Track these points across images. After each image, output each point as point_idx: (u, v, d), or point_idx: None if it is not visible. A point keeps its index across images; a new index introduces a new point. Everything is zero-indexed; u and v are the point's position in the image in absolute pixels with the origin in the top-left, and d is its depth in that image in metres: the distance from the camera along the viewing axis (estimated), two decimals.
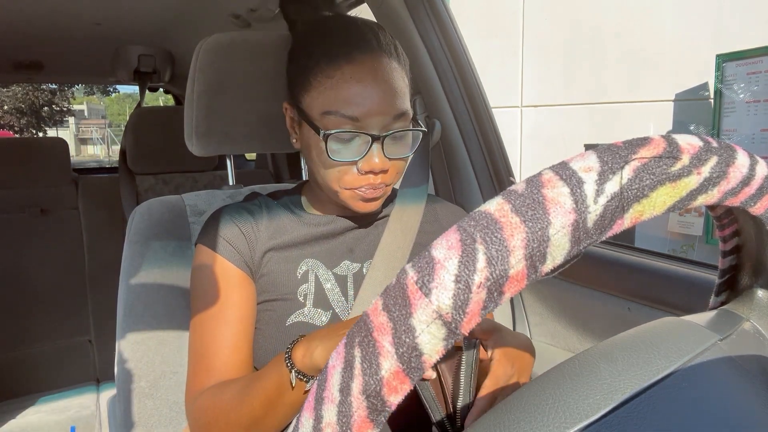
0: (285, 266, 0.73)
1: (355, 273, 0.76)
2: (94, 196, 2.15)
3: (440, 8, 1.18)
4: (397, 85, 0.68)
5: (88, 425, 1.88)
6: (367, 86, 0.65)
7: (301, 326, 0.71)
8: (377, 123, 0.66)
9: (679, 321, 0.35)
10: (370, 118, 0.66)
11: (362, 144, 0.67)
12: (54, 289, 2.10)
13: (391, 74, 0.67)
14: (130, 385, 0.82)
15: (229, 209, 0.76)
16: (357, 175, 0.68)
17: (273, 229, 0.75)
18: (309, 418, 0.25)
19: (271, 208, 0.77)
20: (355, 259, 0.77)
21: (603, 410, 0.27)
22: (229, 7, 1.54)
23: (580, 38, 3.92)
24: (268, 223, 0.75)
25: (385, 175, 0.69)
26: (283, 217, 0.77)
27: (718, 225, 0.38)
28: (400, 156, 0.70)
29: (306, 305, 0.72)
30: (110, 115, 32.69)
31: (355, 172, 0.68)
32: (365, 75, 0.65)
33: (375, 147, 0.67)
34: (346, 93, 0.65)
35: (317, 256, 0.75)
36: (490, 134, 1.22)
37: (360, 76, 0.65)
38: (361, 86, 0.65)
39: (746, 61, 2.92)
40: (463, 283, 0.23)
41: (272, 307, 0.72)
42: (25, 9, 1.57)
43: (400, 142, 0.70)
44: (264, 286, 0.73)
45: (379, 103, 0.66)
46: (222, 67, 0.87)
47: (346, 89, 0.65)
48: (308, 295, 0.73)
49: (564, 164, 0.26)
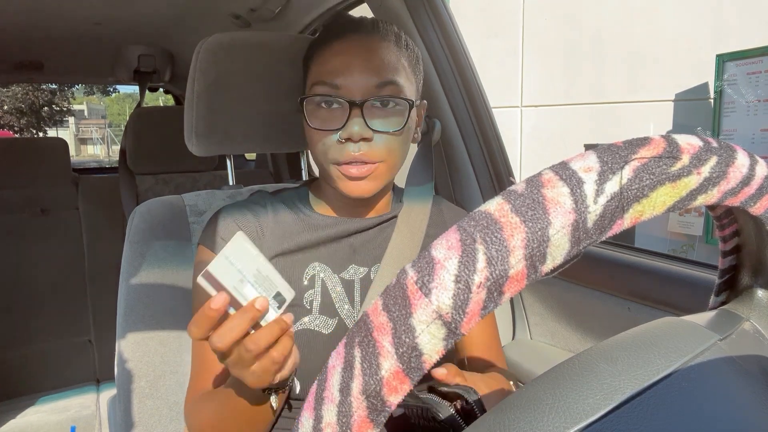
0: (291, 271, 0.71)
1: (362, 278, 0.74)
2: (94, 196, 2.15)
3: (440, 8, 1.18)
4: (386, 58, 0.67)
5: (88, 425, 1.88)
6: (352, 58, 0.66)
7: (306, 334, 0.69)
8: (358, 90, 0.66)
9: (679, 321, 0.35)
10: (351, 83, 0.66)
11: (342, 112, 0.66)
12: (54, 289, 2.10)
13: (379, 50, 0.67)
14: (130, 385, 0.82)
15: (232, 209, 0.73)
16: (339, 146, 0.66)
17: (279, 232, 0.73)
18: (309, 418, 0.25)
19: (276, 209, 0.75)
20: (362, 263, 0.75)
21: (603, 410, 0.27)
22: (229, 7, 1.54)
23: (580, 38, 3.92)
24: (273, 226, 0.73)
25: (370, 150, 0.66)
26: (289, 219, 0.74)
27: (718, 225, 0.38)
28: (386, 129, 0.67)
29: (312, 311, 0.70)
30: (110, 115, 32.71)
31: (337, 142, 0.66)
32: (351, 49, 0.67)
33: (354, 113, 0.65)
34: (330, 64, 0.67)
35: (324, 260, 0.73)
36: (490, 134, 1.22)
37: (346, 50, 0.67)
38: (346, 58, 0.66)
39: (746, 61, 2.92)
40: (463, 283, 0.23)
41: None
42: (25, 9, 1.57)
43: (387, 116, 0.67)
44: None
45: (361, 71, 0.66)
46: (222, 67, 0.87)
47: (330, 61, 0.67)
48: (314, 302, 0.71)
49: (564, 164, 0.26)
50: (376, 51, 0.67)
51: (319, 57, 0.69)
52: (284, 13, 1.52)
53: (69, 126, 27.61)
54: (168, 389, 0.83)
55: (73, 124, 29.39)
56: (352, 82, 0.66)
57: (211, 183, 2.18)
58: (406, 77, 0.69)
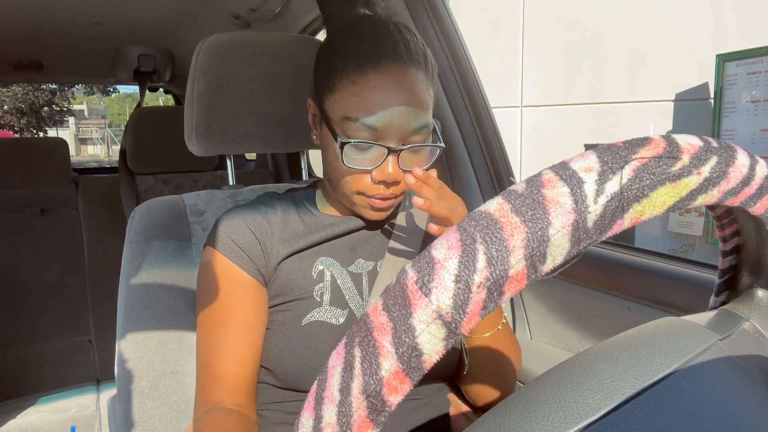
0: (300, 267, 0.73)
1: (369, 271, 0.76)
2: (94, 196, 2.15)
3: (440, 8, 1.18)
4: (421, 98, 0.66)
5: (88, 425, 1.88)
6: (390, 98, 0.64)
7: (317, 325, 0.70)
8: (396, 135, 0.65)
9: (679, 321, 0.35)
10: (390, 130, 0.65)
11: (378, 154, 0.66)
12: (54, 289, 2.10)
13: (416, 86, 0.66)
14: (130, 385, 0.82)
15: (241, 211, 0.73)
16: (370, 184, 0.68)
17: (289, 233, 0.73)
18: (309, 418, 0.25)
19: (285, 210, 0.76)
20: (369, 257, 0.77)
21: (603, 410, 0.27)
22: (229, 7, 1.54)
23: (580, 38, 3.92)
24: (282, 227, 0.74)
25: (397, 186, 0.69)
26: (297, 220, 0.75)
27: (718, 225, 0.38)
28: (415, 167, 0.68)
29: (322, 304, 0.71)
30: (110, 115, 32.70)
31: (368, 180, 0.68)
32: (389, 85, 0.64)
33: (391, 158, 0.66)
34: (368, 102, 0.64)
35: (332, 255, 0.75)
36: (490, 134, 1.22)
37: (384, 86, 0.64)
38: (384, 97, 0.64)
39: (746, 61, 2.92)
40: (463, 283, 0.23)
41: (288, 307, 0.71)
42: (25, 9, 1.57)
43: (417, 155, 0.69)
44: (279, 289, 0.72)
45: (400, 117, 0.64)
46: (222, 67, 0.87)
47: (368, 98, 0.64)
48: (324, 294, 0.72)
49: (564, 164, 0.26)
50: (413, 90, 0.65)
51: (351, 84, 0.65)
52: (284, 13, 1.52)
53: (69, 126, 27.61)
54: (168, 389, 0.83)
55: (73, 124, 29.38)
56: (391, 127, 0.64)
57: (211, 183, 2.18)
58: (431, 106, 0.70)
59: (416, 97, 0.65)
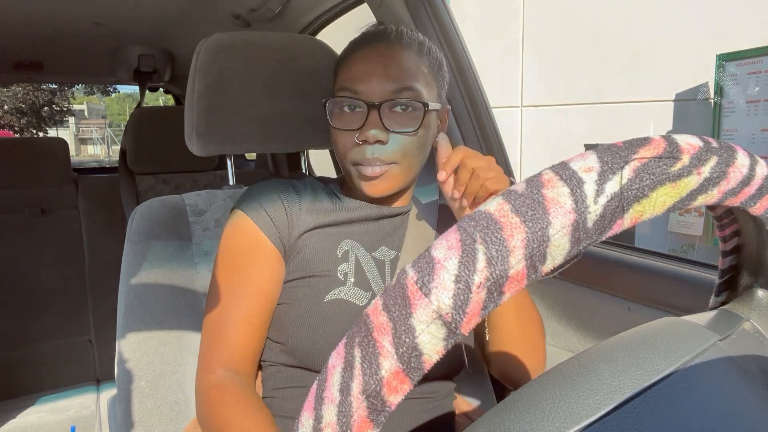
0: (324, 244, 0.74)
1: (392, 259, 0.77)
2: (94, 196, 2.15)
3: (440, 8, 1.18)
4: (405, 65, 0.70)
5: (88, 425, 1.88)
6: (371, 64, 0.70)
7: (340, 303, 0.71)
8: (377, 93, 0.69)
9: (679, 321, 0.35)
10: (370, 89, 0.69)
11: (361, 115, 0.70)
12: (54, 289, 2.10)
13: (400, 57, 0.71)
14: (130, 385, 0.82)
15: (275, 183, 0.77)
16: (357, 148, 0.70)
17: (316, 208, 0.76)
18: (309, 418, 0.25)
19: (315, 188, 0.79)
20: (393, 247, 0.78)
21: (603, 410, 0.27)
22: (229, 7, 1.54)
23: (580, 38, 3.92)
24: (311, 202, 0.76)
25: (384, 150, 0.70)
26: (325, 199, 0.78)
27: (718, 225, 0.38)
28: (402, 130, 0.70)
29: (346, 284, 0.72)
30: (110, 115, 32.72)
31: (355, 142, 0.70)
32: (372, 56, 0.71)
33: (372, 116, 0.69)
34: (353, 71, 0.71)
35: (356, 238, 0.76)
36: (490, 134, 1.22)
37: (367, 57, 0.71)
38: (367, 64, 0.71)
39: (746, 61, 2.92)
40: (463, 283, 0.23)
41: (309, 283, 0.72)
42: (25, 9, 1.57)
43: (403, 119, 0.70)
44: (300, 263, 0.73)
45: (378, 77, 0.69)
46: (222, 67, 0.87)
47: (354, 69, 0.72)
48: (349, 274, 0.73)
49: (564, 164, 0.26)
50: (396, 58, 0.71)
51: (345, 65, 0.73)
52: (284, 13, 1.52)
53: (69, 126, 27.63)
54: (168, 389, 0.83)
55: (73, 124, 29.40)
56: (370, 88, 0.69)
57: (211, 183, 2.18)
58: (426, 83, 0.72)
59: (397, 64, 0.70)
